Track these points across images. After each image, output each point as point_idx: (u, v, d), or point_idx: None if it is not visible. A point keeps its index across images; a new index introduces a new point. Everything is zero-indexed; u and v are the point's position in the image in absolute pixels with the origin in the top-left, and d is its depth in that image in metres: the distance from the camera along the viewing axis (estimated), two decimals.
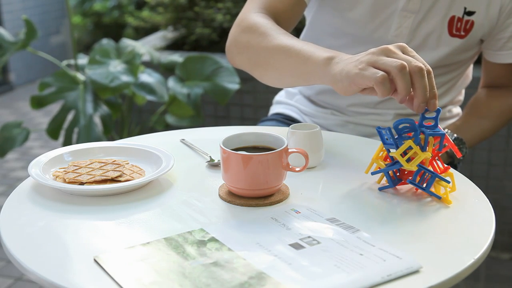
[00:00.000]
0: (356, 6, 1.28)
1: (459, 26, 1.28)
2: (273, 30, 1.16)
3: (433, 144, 0.94)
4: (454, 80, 1.38)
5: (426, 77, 0.91)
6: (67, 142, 2.24)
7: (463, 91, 1.48)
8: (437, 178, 0.93)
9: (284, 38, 1.13)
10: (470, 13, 1.26)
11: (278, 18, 1.24)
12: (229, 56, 1.27)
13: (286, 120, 1.49)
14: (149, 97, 2.31)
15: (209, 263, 0.75)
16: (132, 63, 2.27)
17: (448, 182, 0.93)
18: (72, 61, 2.54)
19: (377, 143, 1.06)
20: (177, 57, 2.55)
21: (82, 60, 2.51)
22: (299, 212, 0.89)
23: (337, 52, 1.04)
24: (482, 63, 1.42)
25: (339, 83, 0.98)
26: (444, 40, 1.29)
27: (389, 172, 0.96)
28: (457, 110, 1.49)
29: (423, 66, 0.91)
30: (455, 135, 1.32)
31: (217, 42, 2.98)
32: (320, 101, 1.44)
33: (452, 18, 1.27)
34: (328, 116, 1.42)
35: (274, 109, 1.58)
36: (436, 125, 0.95)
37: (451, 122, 1.42)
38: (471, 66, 1.45)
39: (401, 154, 0.93)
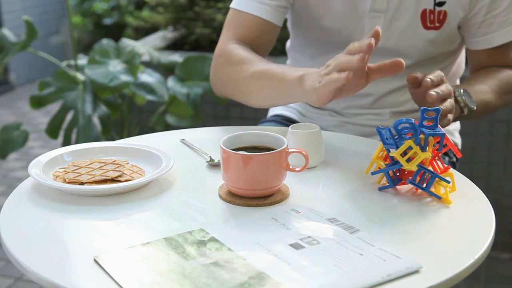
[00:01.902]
0: (327, 14, 1.31)
1: (432, 18, 1.28)
2: (248, 59, 1.24)
3: (433, 144, 0.94)
4: (444, 71, 1.38)
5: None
6: (66, 142, 2.24)
7: (458, 81, 1.48)
8: (437, 178, 0.93)
9: (259, 65, 1.21)
10: (441, 4, 1.27)
11: (253, 45, 1.32)
12: (214, 89, 1.36)
13: (286, 122, 1.50)
14: (149, 97, 2.31)
15: (209, 263, 0.75)
16: (132, 63, 2.27)
17: (448, 182, 0.93)
18: (72, 62, 2.54)
19: (377, 143, 1.06)
20: (177, 57, 2.55)
21: (82, 60, 2.51)
22: (299, 212, 0.89)
23: (307, 69, 1.11)
24: (466, 51, 1.42)
25: (310, 98, 1.07)
26: (421, 34, 1.29)
27: (389, 172, 0.96)
28: None
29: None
30: (462, 90, 1.21)
31: (217, 42, 2.98)
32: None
33: (424, 11, 1.27)
34: (326, 117, 1.42)
35: (273, 111, 1.58)
36: (436, 125, 0.95)
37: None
38: (463, 55, 1.44)
39: (401, 154, 0.93)
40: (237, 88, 1.27)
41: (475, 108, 1.21)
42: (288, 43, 1.52)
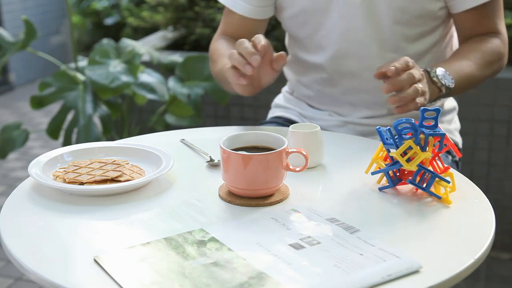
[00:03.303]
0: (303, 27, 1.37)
1: None
2: (218, 55, 1.37)
3: (433, 144, 0.94)
4: (438, 45, 1.36)
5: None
6: (67, 142, 2.24)
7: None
8: (437, 178, 0.93)
9: (224, 60, 1.30)
10: None
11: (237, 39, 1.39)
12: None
13: (286, 123, 1.50)
14: (150, 96, 2.31)
15: (209, 263, 0.75)
16: (132, 63, 2.27)
17: (448, 182, 0.93)
18: (72, 65, 2.54)
19: (377, 143, 1.06)
20: (177, 57, 2.55)
21: (82, 62, 2.51)
22: (299, 212, 0.89)
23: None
24: (453, 20, 1.39)
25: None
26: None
27: (389, 172, 0.96)
28: (451, 103, 1.48)
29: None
30: (437, 69, 1.22)
31: None
32: (316, 104, 1.45)
33: None
34: (326, 117, 1.43)
35: (273, 112, 1.58)
36: (436, 125, 0.95)
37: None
38: (453, 30, 1.41)
39: (401, 154, 0.93)
40: (218, 79, 1.40)
41: (452, 85, 1.21)
42: (286, 39, 1.53)
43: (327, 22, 1.33)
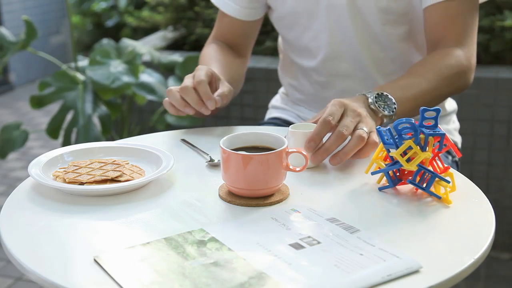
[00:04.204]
0: (293, 28, 1.37)
1: None
2: (209, 58, 1.36)
3: (433, 144, 0.94)
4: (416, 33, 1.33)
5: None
6: (66, 142, 2.24)
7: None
8: (437, 178, 0.93)
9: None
10: None
11: (232, 45, 1.44)
12: None
13: (285, 124, 1.50)
14: (150, 97, 2.31)
15: (209, 263, 0.75)
16: (133, 63, 2.27)
17: (448, 182, 0.93)
18: (72, 64, 2.54)
19: None
20: (177, 57, 2.55)
21: (82, 62, 2.51)
22: (299, 212, 0.89)
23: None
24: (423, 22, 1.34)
25: None
26: None
27: (389, 172, 0.96)
28: (450, 105, 1.48)
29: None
30: (376, 93, 1.12)
31: None
32: (311, 108, 1.46)
33: None
34: None
35: (271, 113, 1.59)
36: (436, 125, 0.95)
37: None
38: None
39: (401, 154, 0.93)
40: None
41: (393, 113, 1.11)
42: (278, 41, 1.55)
43: (314, 25, 1.33)
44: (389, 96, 1.13)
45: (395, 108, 1.12)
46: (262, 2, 1.39)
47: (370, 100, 1.10)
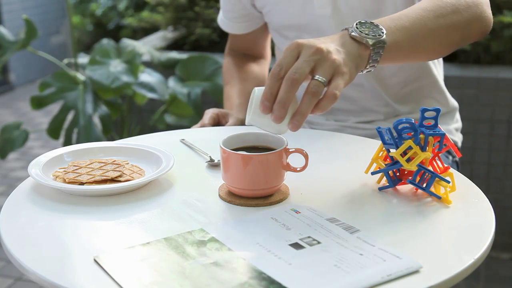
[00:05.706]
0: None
1: None
2: (228, 78, 1.49)
3: (433, 144, 0.94)
4: None
5: None
6: (67, 142, 2.24)
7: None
8: (437, 178, 0.93)
9: (227, 87, 1.47)
10: None
11: (247, 52, 1.54)
12: None
13: None
14: (150, 95, 2.31)
15: (209, 263, 0.75)
16: (132, 63, 2.28)
17: (448, 182, 0.93)
18: (72, 60, 2.54)
19: (377, 143, 1.06)
20: (175, 54, 2.55)
21: (83, 59, 2.51)
22: (299, 212, 0.89)
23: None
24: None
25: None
26: None
27: (389, 172, 0.96)
28: (451, 103, 1.47)
29: None
30: (358, 21, 0.95)
31: (217, 42, 2.98)
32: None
33: None
34: (324, 122, 1.43)
35: None
36: (436, 125, 0.95)
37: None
38: None
39: (401, 154, 0.93)
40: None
41: (382, 36, 0.94)
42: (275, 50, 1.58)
43: (304, 36, 1.33)
44: (375, 23, 0.96)
45: (382, 32, 0.94)
46: (255, 14, 1.42)
47: (351, 29, 0.93)
